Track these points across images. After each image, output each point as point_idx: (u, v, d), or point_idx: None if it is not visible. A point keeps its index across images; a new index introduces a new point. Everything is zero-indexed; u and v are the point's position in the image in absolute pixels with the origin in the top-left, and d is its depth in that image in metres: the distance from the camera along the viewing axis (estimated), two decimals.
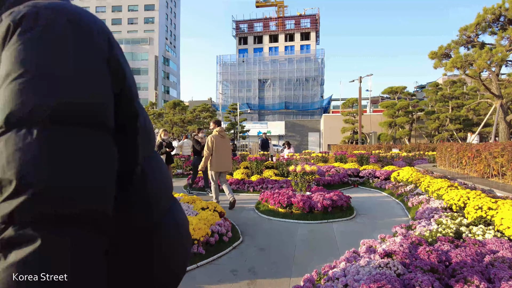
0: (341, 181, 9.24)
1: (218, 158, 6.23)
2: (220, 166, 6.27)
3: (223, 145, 6.31)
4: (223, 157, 6.28)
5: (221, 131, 6.38)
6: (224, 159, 6.29)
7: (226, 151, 6.33)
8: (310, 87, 62.39)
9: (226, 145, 6.40)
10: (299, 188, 6.22)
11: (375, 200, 7.32)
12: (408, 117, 23.50)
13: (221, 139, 6.32)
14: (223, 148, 6.29)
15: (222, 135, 6.37)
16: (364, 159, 12.10)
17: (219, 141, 6.27)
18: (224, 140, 6.42)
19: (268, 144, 14.27)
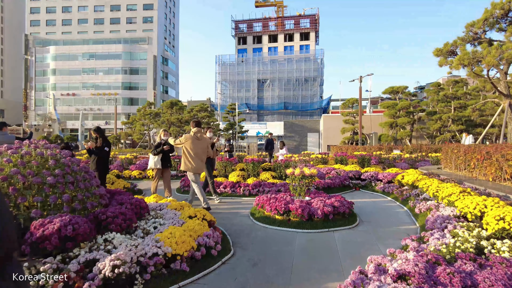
0: (342, 184, 8.78)
1: (194, 160, 6.15)
2: (195, 168, 6.18)
3: (198, 146, 6.19)
4: (196, 158, 6.17)
5: (198, 132, 6.25)
6: (197, 161, 6.18)
7: (200, 153, 6.21)
8: (310, 87, 62.04)
9: (202, 147, 6.27)
10: (298, 193, 5.76)
11: (378, 205, 6.86)
12: (409, 118, 23.04)
13: (196, 140, 6.20)
14: (198, 150, 6.17)
15: (197, 137, 6.22)
16: (365, 160, 11.65)
17: (196, 142, 6.17)
18: (200, 142, 6.27)
19: (273, 145, 13.89)
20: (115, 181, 8.20)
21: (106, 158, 6.34)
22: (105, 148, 6.14)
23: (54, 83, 66.96)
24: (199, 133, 6.28)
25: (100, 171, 6.16)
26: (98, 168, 6.12)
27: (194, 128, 6.28)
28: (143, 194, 8.39)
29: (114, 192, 4.74)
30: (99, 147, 6.11)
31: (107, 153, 6.23)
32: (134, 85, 67.44)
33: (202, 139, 6.32)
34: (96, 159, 6.11)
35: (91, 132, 6.34)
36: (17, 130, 59.26)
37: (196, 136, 6.21)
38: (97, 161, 6.12)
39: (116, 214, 3.69)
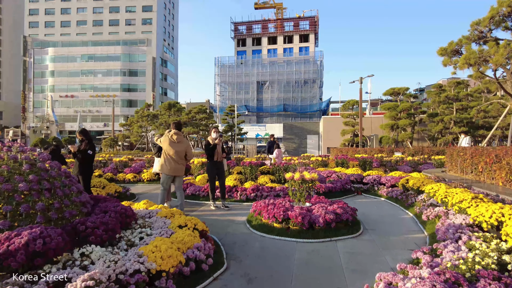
0: (344, 188, 8.44)
1: (167, 161, 5.97)
2: (168, 168, 5.97)
3: (174, 149, 5.97)
4: (173, 161, 5.98)
5: (175, 134, 6.03)
6: (174, 163, 5.99)
7: (175, 156, 5.98)
8: (309, 89, 61.84)
9: (178, 150, 6.01)
10: (297, 199, 5.41)
11: (383, 211, 6.51)
12: (411, 120, 22.71)
13: (174, 143, 6.01)
14: (175, 152, 5.97)
15: (173, 139, 6.01)
16: (367, 163, 11.30)
17: (172, 144, 5.99)
18: (176, 145, 6.02)
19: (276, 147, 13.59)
20: (106, 185, 7.84)
21: (90, 162, 5.99)
22: (89, 151, 5.79)
23: (53, 85, 66.67)
24: (177, 135, 6.03)
25: (84, 176, 5.81)
26: (82, 172, 5.78)
27: (172, 131, 6.09)
28: (136, 199, 8.04)
29: (99, 198, 4.38)
30: (83, 150, 5.77)
31: (91, 156, 5.87)
32: (133, 87, 67.19)
33: (180, 142, 6.05)
34: (80, 163, 5.76)
35: (77, 135, 5.99)
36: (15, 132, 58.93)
37: (172, 138, 5.99)
38: (81, 165, 5.77)
39: (97, 224, 3.34)
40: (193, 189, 7.86)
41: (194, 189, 7.84)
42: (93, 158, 6.07)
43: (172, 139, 6.00)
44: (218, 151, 6.54)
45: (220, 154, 6.57)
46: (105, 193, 7.28)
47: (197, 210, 6.69)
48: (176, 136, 6.01)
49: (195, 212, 6.42)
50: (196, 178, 8.89)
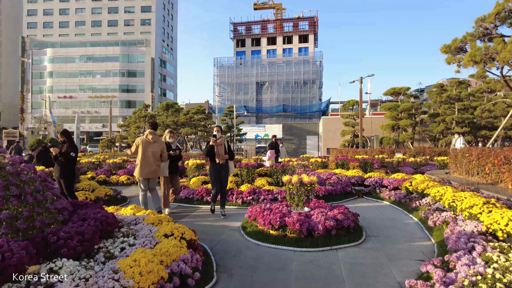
0: (344, 191, 8.10)
1: (143, 163, 5.75)
2: (144, 172, 5.76)
3: (151, 149, 5.78)
4: (148, 162, 5.76)
5: (151, 133, 5.86)
6: (149, 165, 5.76)
7: (153, 156, 5.78)
8: (308, 90, 61.58)
9: (155, 149, 5.81)
10: (295, 203, 5.07)
11: (385, 216, 6.17)
12: (412, 120, 22.38)
13: (149, 143, 5.81)
14: (150, 153, 5.77)
15: (148, 139, 5.82)
16: (368, 165, 10.96)
17: (147, 145, 5.79)
18: (153, 144, 5.83)
19: (278, 148, 13.10)
20: (96, 188, 7.49)
21: (73, 164, 5.64)
22: (71, 153, 5.44)
23: (51, 86, 66.37)
24: (152, 135, 5.84)
25: (67, 179, 5.47)
26: (65, 176, 5.44)
27: (148, 130, 5.92)
28: (127, 202, 7.70)
29: (79, 204, 4.04)
30: (65, 153, 5.43)
31: (73, 159, 5.53)
32: (131, 88, 66.90)
33: (156, 142, 5.85)
34: (62, 166, 5.42)
35: (58, 136, 5.64)
36: (13, 133, 58.52)
37: (147, 138, 5.80)
38: (63, 168, 5.43)
39: (71, 235, 3.00)
40: (186, 192, 7.52)
41: (188, 192, 7.50)
42: (76, 160, 5.72)
43: (148, 139, 5.79)
44: (219, 152, 5.80)
45: (221, 155, 5.81)
46: (94, 196, 6.93)
47: (190, 215, 6.35)
48: (152, 136, 5.81)
49: (187, 218, 6.08)
50: (191, 180, 8.55)
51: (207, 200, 7.18)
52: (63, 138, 5.52)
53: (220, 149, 5.81)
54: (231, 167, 6.09)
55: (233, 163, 6.19)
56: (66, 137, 5.54)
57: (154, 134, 5.93)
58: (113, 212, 5.05)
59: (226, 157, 5.84)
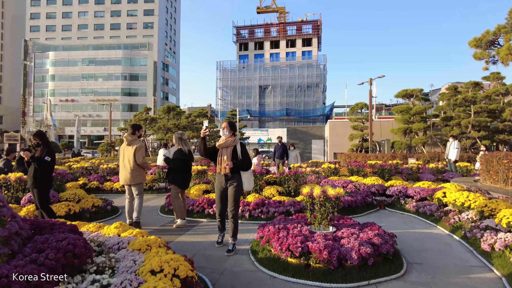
0: (365, 202, 7.14)
1: (121, 169, 5.50)
2: (122, 178, 5.48)
3: (126, 153, 5.44)
4: (125, 167, 5.43)
5: (127, 136, 5.52)
6: (125, 170, 5.41)
7: (127, 161, 5.41)
8: (312, 94, 60.79)
9: (130, 153, 5.40)
10: (317, 222, 4.12)
11: (421, 235, 5.19)
12: (425, 123, 21.33)
13: (125, 146, 5.48)
14: (124, 158, 5.46)
15: (124, 141, 5.52)
16: (386, 171, 9.98)
17: (124, 149, 5.50)
18: (128, 148, 5.45)
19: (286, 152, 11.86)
20: (83, 197, 6.57)
21: (49, 171, 4.73)
22: (46, 158, 4.53)
23: (53, 89, 65.97)
24: (130, 138, 5.47)
25: (41, 189, 4.56)
26: (37, 185, 4.53)
27: (126, 133, 5.62)
28: (119, 214, 6.77)
29: (43, 226, 3.11)
30: (39, 158, 4.51)
31: (49, 164, 4.62)
32: (133, 91, 66.40)
33: (131, 144, 5.44)
34: (34, 172, 4.51)
35: (31, 138, 4.73)
36: (14, 136, 58.07)
37: (124, 142, 5.51)
38: (36, 175, 4.52)
39: (8, 281, 2.07)
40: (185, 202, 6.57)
41: (187, 202, 6.55)
42: (53, 166, 4.80)
43: (124, 143, 5.52)
44: (221, 158, 4.21)
45: (223, 162, 4.17)
46: (79, 208, 6.01)
47: (188, 230, 5.41)
48: (126, 138, 5.48)
49: (185, 235, 5.13)
50: (191, 189, 7.61)
51: (209, 212, 6.24)
52: (36, 140, 4.61)
53: (225, 153, 4.21)
54: (246, 181, 4.22)
55: (250, 175, 4.27)
56: (40, 139, 4.63)
57: (130, 136, 5.51)
58: (94, 231, 4.13)
59: (230, 165, 4.07)
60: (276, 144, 12.16)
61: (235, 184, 4.21)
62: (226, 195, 4.28)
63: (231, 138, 4.30)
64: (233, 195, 4.19)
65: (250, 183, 4.25)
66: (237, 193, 4.21)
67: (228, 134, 4.30)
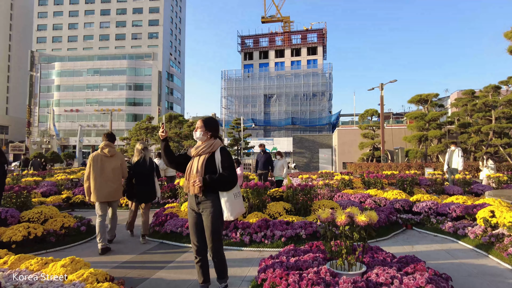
0: (388, 221, 5.97)
1: (102, 183, 4.76)
2: (104, 193, 4.77)
3: (110, 165, 4.85)
4: (108, 181, 4.81)
5: (107, 146, 4.94)
6: (109, 184, 4.82)
7: (113, 173, 4.86)
8: (318, 102, 59.93)
9: (112, 166, 4.87)
10: (343, 259, 2.97)
11: (472, 269, 3.98)
12: (441, 130, 20.00)
13: (106, 158, 4.88)
14: (106, 170, 4.82)
15: (105, 153, 4.89)
16: (407, 183, 8.78)
17: (104, 160, 4.85)
18: (111, 159, 4.90)
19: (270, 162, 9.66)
20: (52, 216, 5.50)
21: None
22: None
23: (58, 99, 65.97)
24: (108, 147, 4.92)
25: None
26: None
27: (103, 143, 4.98)
28: (95, 236, 5.67)
29: None
30: None
31: None
32: (138, 101, 66.13)
33: (114, 155, 4.97)
34: None
35: None
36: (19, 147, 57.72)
37: (104, 152, 4.88)
38: None
39: None
40: (174, 223, 5.45)
41: (176, 223, 5.43)
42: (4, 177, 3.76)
43: (104, 153, 4.87)
44: (189, 171, 2.93)
45: (193, 177, 2.84)
46: (42, 231, 4.92)
47: (171, 262, 4.28)
48: (108, 149, 4.89)
49: (165, 270, 4.00)
50: (182, 206, 6.49)
51: None
52: None
53: (195, 163, 2.90)
54: (227, 207, 2.80)
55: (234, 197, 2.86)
56: None
57: (111, 146, 5.02)
58: (36, 269, 3.04)
59: (199, 182, 2.75)
60: (259, 153, 10.05)
61: (211, 209, 2.82)
62: (202, 224, 2.93)
63: (208, 141, 2.97)
64: (210, 226, 2.82)
65: (234, 209, 2.81)
66: (214, 222, 2.82)
67: (204, 136, 2.97)
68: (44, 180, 11.17)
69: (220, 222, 2.85)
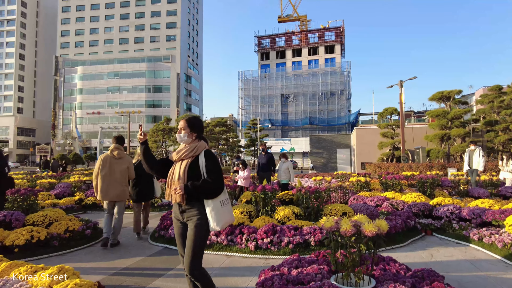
0: (406, 226, 5.57)
1: (104, 184, 5.07)
2: (111, 194, 5.08)
3: (118, 167, 5.15)
4: (110, 182, 5.08)
5: (116, 149, 5.25)
6: (116, 185, 5.11)
7: (120, 175, 5.15)
8: (336, 101, 58.91)
9: (119, 168, 5.16)
10: (348, 272, 2.67)
11: (495, 282, 3.58)
12: (464, 129, 19.03)
13: (115, 160, 5.18)
14: (113, 171, 5.11)
15: (114, 155, 5.20)
16: (427, 185, 8.26)
17: (113, 162, 5.17)
18: (119, 161, 5.18)
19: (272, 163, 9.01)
20: (57, 219, 5.44)
21: None
22: None
23: (81, 102, 67.98)
24: (118, 150, 5.23)
25: None
26: None
27: (112, 145, 5.30)
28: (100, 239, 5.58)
29: None
30: None
31: None
32: (157, 103, 67.20)
33: (122, 158, 5.24)
34: None
35: None
36: (45, 148, 59.95)
37: (113, 154, 5.18)
38: None
39: None
40: None
41: None
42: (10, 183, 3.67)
43: (113, 155, 5.17)
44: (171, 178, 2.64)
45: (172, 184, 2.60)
46: (46, 234, 4.85)
47: (171, 270, 4.09)
48: (117, 152, 5.19)
49: (161, 280, 3.80)
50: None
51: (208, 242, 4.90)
52: None
53: (177, 169, 2.62)
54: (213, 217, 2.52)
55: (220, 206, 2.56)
56: None
57: (120, 149, 5.29)
58: (24, 277, 2.91)
59: (180, 190, 2.47)
60: (260, 153, 9.19)
61: (196, 219, 2.52)
62: (184, 237, 2.63)
63: (191, 144, 2.67)
64: (192, 238, 2.49)
65: (220, 218, 2.53)
66: (198, 233, 2.49)
67: (189, 138, 2.69)
68: (61, 182, 11.34)
69: (205, 234, 2.57)
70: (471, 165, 9.92)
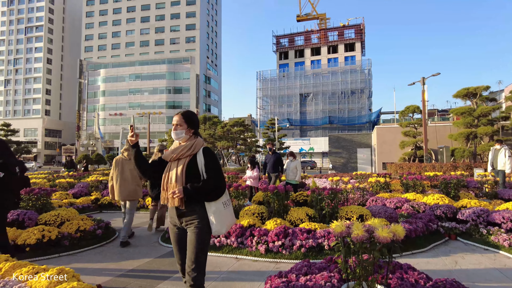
0: (428, 230, 5.23)
1: (121, 184, 5.28)
2: (123, 193, 5.28)
3: (128, 167, 5.34)
4: (126, 182, 5.29)
5: (126, 150, 5.50)
6: (127, 185, 5.29)
7: (131, 175, 5.32)
8: (357, 100, 57.68)
9: (130, 168, 5.33)
10: (359, 280, 2.45)
11: None
12: (493, 127, 18.05)
13: (125, 161, 5.39)
14: (128, 171, 5.33)
15: (124, 156, 5.43)
16: (451, 186, 7.79)
17: (124, 163, 5.38)
18: (130, 162, 5.31)
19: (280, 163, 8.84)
20: (69, 218, 5.46)
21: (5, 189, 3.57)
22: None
23: (104, 104, 69.92)
24: (127, 151, 5.44)
25: None
26: None
27: (124, 146, 5.59)
28: (113, 238, 5.56)
29: None
30: None
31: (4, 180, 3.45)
32: (177, 104, 68.14)
33: None
34: None
35: None
36: (70, 149, 62.12)
37: (124, 156, 5.44)
38: None
39: None
40: None
41: None
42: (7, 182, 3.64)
43: (124, 156, 5.43)
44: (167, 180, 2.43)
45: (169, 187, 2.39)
46: (57, 234, 4.86)
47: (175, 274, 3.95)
48: (128, 152, 5.41)
49: (167, 283, 3.69)
50: None
51: (214, 243, 4.77)
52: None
53: (174, 169, 2.41)
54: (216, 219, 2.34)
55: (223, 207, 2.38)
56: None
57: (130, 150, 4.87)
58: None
59: (179, 194, 2.24)
60: (267, 153, 9.06)
61: (195, 223, 2.32)
62: (185, 240, 2.41)
63: (189, 141, 2.47)
64: (195, 244, 2.28)
65: (223, 221, 2.34)
66: (199, 238, 2.29)
67: (186, 135, 2.48)
68: (80, 181, 11.56)
69: (208, 238, 2.38)
70: (495, 165, 9.31)
